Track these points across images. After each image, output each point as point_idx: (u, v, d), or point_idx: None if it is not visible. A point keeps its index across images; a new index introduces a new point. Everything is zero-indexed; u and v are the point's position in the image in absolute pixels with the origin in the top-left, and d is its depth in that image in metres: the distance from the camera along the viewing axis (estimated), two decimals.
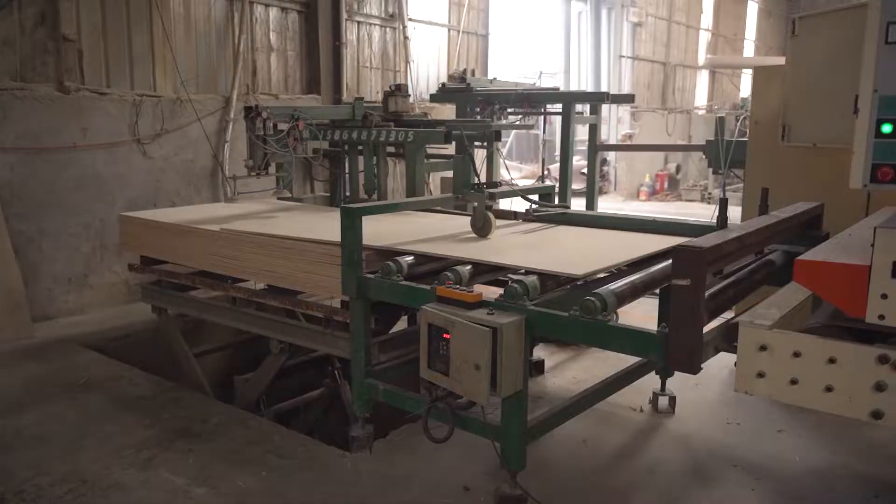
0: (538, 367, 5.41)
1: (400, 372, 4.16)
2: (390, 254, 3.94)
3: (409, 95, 6.48)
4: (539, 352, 5.65)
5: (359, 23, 10.67)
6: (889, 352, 2.22)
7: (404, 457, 4.06)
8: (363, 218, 3.80)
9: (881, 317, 2.17)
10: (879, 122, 2.03)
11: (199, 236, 4.90)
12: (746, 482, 3.85)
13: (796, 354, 2.36)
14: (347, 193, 7.13)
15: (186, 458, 4.03)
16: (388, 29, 11.20)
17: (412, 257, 3.85)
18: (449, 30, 12.62)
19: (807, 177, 4.63)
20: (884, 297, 2.15)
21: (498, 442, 3.35)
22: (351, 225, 3.76)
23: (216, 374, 6.04)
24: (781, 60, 4.75)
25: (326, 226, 4.43)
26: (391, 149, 6.90)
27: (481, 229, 4.24)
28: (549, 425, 3.63)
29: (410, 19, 11.55)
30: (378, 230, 4.32)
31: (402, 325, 5.01)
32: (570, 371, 5.49)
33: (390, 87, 6.41)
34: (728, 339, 2.77)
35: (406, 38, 11.37)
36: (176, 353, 5.69)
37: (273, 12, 9.25)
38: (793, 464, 4.05)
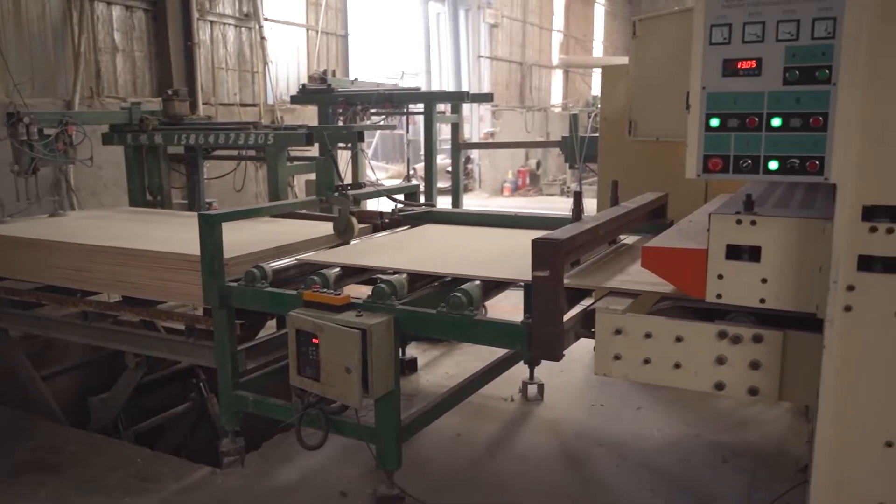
0: (411, 366, 5.44)
1: (271, 379, 4.05)
2: (256, 259, 3.82)
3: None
4: (412, 350, 5.69)
5: (212, 22, 10.29)
6: (727, 327, 2.41)
7: (279, 468, 3.96)
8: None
9: (719, 296, 2.35)
10: (708, 117, 2.19)
11: (42, 249, 4.54)
12: (611, 459, 4.06)
13: (647, 335, 2.51)
14: (208, 200, 6.94)
15: (38, 492, 3.73)
16: (243, 29, 10.88)
17: (277, 262, 3.76)
18: (307, 30, 12.43)
19: (653, 169, 4.92)
20: (720, 277, 2.33)
21: (373, 443, 3.34)
22: (210, 232, 3.62)
23: (68, 397, 5.62)
24: (626, 60, 5.02)
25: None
26: (252, 152, 6.73)
27: (343, 233, 4.19)
28: (422, 422, 3.66)
29: (266, 19, 11.27)
30: (241, 236, 4.19)
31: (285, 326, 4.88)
32: (442, 367, 5.57)
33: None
34: (587, 325, 2.90)
35: (263, 38, 11.09)
36: (20, 377, 5.24)
37: (116, 10, 8.74)
38: (652, 438, 4.32)
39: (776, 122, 2.10)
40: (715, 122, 2.18)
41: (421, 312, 3.13)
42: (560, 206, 15.03)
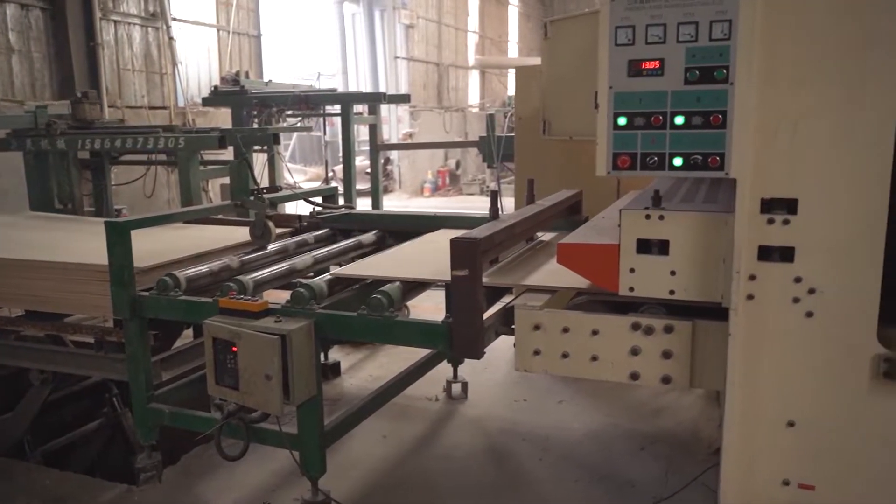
0: (334, 370, 5.39)
1: (189, 390, 3.92)
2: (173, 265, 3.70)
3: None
4: (334, 354, 5.63)
5: (116, 22, 9.90)
6: (640, 319, 2.49)
7: (199, 481, 3.85)
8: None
9: (631, 289, 2.43)
10: (616, 116, 2.26)
11: None
12: (535, 453, 4.13)
13: (565, 330, 2.57)
14: (117, 207, 6.72)
15: None
16: (150, 29, 10.51)
17: (191, 270, 3.65)
18: (218, 30, 12.13)
19: (567, 167, 5.04)
20: (632, 271, 2.41)
21: (296, 450, 3.28)
22: (119, 241, 3.47)
23: None
24: (540, 61, 5.12)
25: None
26: (163, 156, 6.53)
27: (260, 238, 4.11)
28: (346, 426, 3.62)
29: (174, 19, 10.94)
30: (154, 243, 4.04)
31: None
32: (366, 369, 5.53)
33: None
34: (507, 322, 2.94)
35: (171, 38, 10.75)
36: None
37: (11, 9, 8.29)
38: (574, 430, 4.42)
39: (679, 120, 2.18)
40: (622, 121, 2.25)
41: (341, 316, 3.10)
42: (480, 205, 15.18)
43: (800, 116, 2.06)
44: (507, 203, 6.59)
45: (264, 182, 6.75)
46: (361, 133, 13.56)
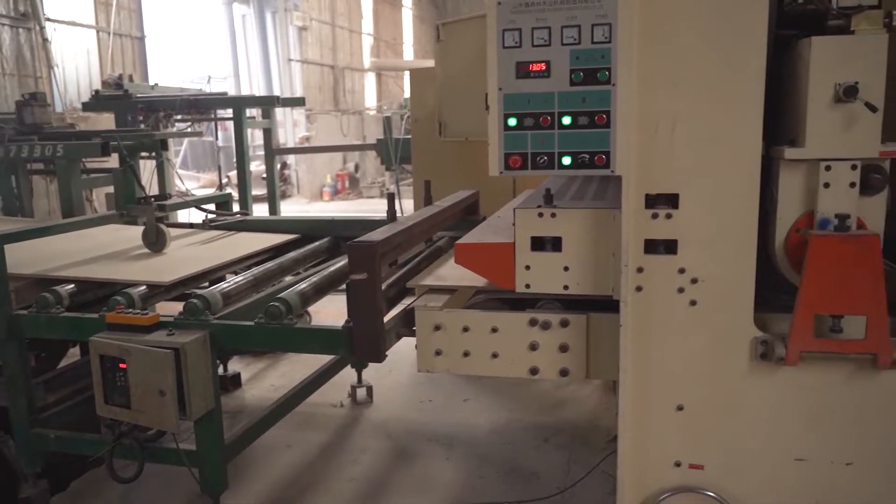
0: (234, 381, 5.23)
1: (79, 411, 3.70)
2: (51, 282, 3.48)
3: (49, 105, 5.91)
4: (234, 364, 5.47)
5: None
6: (537, 315, 2.55)
7: None
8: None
9: (527, 286, 2.48)
10: (506, 117, 2.30)
11: None
12: (441, 453, 4.16)
13: (465, 329, 2.60)
14: None
15: None
16: (20, 30, 9.88)
17: (74, 285, 3.45)
18: (98, 31, 11.55)
19: (464, 167, 5.09)
20: (527, 268, 2.46)
21: (195, 468, 3.16)
22: None
23: None
24: (434, 63, 5.15)
25: None
26: (40, 165, 6.15)
27: (155, 244, 3.94)
28: (248, 439, 3.52)
29: (49, 19, 10.33)
30: (35, 254, 3.80)
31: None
32: (268, 379, 5.41)
33: (24, 97, 5.74)
34: (408, 323, 2.94)
35: (45, 40, 10.15)
36: None
37: None
38: (478, 427, 4.48)
39: (566, 120, 2.25)
40: (512, 122, 2.29)
41: (238, 326, 3.02)
42: (380, 208, 15.00)
43: (677, 115, 2.15)
44: (407, 205, 6.61)
45: (153, 190, 6.47)
46: (256, 137, 13.25)
